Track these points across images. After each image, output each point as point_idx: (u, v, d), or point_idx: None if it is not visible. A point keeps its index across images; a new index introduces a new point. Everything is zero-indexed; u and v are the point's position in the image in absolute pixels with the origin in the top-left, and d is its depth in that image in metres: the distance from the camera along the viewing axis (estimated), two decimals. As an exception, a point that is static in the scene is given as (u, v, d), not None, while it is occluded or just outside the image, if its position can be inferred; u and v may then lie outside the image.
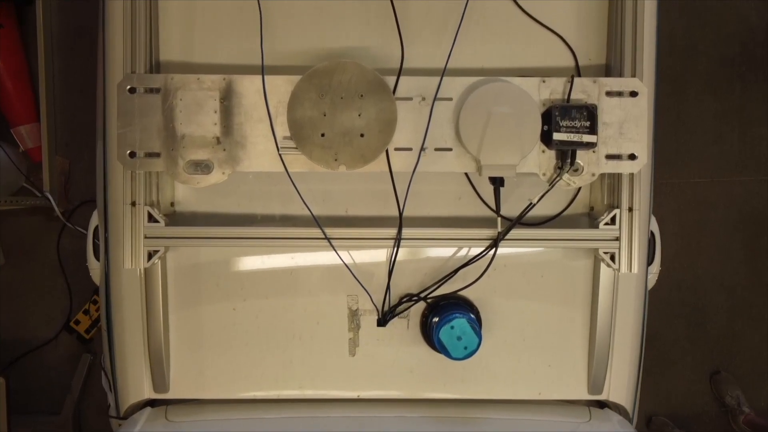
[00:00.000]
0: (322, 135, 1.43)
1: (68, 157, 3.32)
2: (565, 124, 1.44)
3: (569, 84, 1.48)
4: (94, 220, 1.86)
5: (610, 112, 1.49)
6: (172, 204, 1.61)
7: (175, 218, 1.59)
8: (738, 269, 3.48)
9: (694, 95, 3.47)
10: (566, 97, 1.48)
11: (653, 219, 1.73)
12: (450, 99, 1.48)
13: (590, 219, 1.62)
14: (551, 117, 1.45)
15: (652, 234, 1.76)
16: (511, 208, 1.57)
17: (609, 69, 1.60)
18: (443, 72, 1.47)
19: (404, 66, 1.52)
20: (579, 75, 1.61)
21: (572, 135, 1.44)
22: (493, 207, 1.54)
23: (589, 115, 1.45)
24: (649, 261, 1.71)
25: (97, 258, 1.78)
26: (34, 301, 3.34)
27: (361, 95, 1.43)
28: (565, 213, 1.61)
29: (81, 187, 3.31)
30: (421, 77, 1.48)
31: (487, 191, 1.58)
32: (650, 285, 1.77)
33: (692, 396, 3.40)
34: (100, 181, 1.66)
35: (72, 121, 3.27)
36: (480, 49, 1.58)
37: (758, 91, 3.49)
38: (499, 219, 1.50)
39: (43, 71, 3.16)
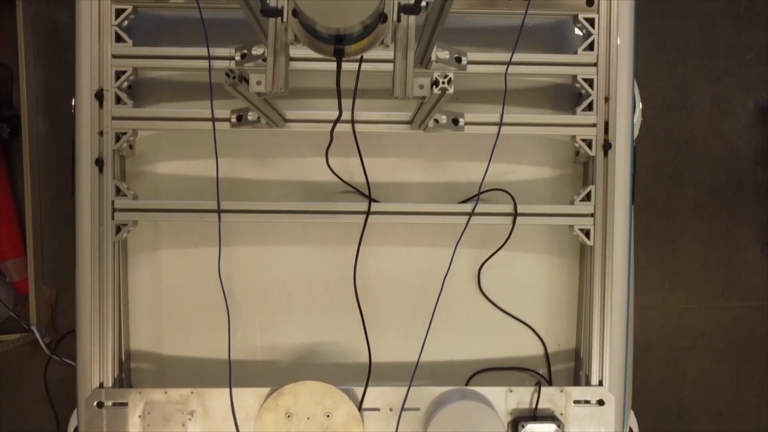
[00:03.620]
0: (289, 455, 1.44)
1: (55, 286, 3.33)
2: (531, 443, 1.45)
3: (536, 394, 1.48)
4: (73, 421, 1.87)
5: (578, 419, 1.49)
6: None
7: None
8: (724, 395, 3.50)
9: (680, 222, 3.48)
10: (533, 407, 1.48)
11: (632, 413, 1.73)
12: (417, 409, 1.48)
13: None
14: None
15: (631, 430, 1.77)
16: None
17: (579, 355, 1.60)
18: (411, 381, 1.48)
19: (373, 360, 1.53)
20: (549, 362, 1.62)
21: (538, 454, 1.45)
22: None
23: (555, 434, 1.46)
24: None
25: None
26: (20, 430, 3.35)
27: (328, 415, 1.44)
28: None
29: (68, 315, 3.32)
30: (388, 387, 1.49)
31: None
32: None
33: None
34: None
35: (59, 250, 3.28)
36: (449, 341, 1.59)
37: (745, 217, 3.50)
38: None
39: (30, 207, 3.17)
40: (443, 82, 1.07)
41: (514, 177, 1.58)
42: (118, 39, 1.47)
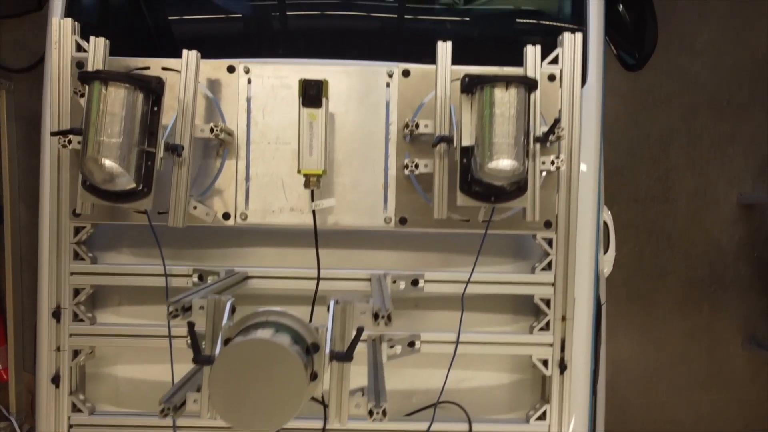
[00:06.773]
0: None
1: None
2: None
3: None
4: None
5: None
6: None
7: None
8: (705, 487, 3.51)
9: (662, 314, 3.48)
10: None
11: None
12: None
13: None
14: None
15: None
16: None
17: None
18: None
19: None
20: None
21: None
22: None
23: None
24: None
25: None
26: None
27: None
28: None
29: (49, 402, 3.32)
30: None
31: None
32: None
33: None
34: None
35: (41, 337, 3.27)
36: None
37: (726, 311, 3.50)
38: None
39: (11, 296, 3.17)
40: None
41: (470, 384, 1.58)
42: (77, 256, 1.48)
